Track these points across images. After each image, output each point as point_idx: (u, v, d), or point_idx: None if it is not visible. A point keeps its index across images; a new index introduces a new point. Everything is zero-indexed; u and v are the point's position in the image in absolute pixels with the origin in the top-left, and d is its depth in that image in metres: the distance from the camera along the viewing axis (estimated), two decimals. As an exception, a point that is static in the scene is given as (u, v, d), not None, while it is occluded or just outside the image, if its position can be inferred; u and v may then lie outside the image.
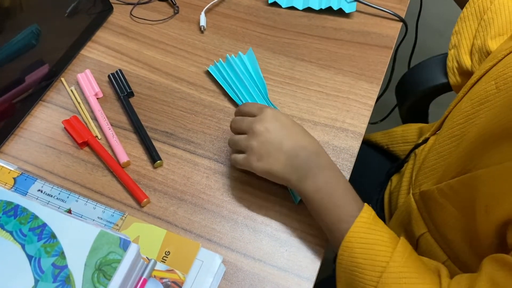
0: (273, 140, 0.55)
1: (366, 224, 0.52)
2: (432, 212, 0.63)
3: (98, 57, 0.78)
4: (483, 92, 0.58)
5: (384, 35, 0.79)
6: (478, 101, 0.58)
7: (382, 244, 0.51)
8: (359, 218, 0.52)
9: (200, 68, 0.76)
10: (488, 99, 0.56)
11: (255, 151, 0.56)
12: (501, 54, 0.59)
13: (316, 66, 0.75)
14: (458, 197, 0.57)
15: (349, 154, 0.66)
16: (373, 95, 0.72)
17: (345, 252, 0.52)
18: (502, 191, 0.49)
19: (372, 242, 0.51)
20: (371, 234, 0.51)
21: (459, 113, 0.62)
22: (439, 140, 0.65)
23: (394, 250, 0.50)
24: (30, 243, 0.50)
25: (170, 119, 0.70)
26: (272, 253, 0.58)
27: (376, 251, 0.50)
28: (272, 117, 0.57)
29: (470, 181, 0.54)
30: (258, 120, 0.57)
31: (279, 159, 0.55)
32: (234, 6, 0.84)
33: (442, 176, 0.61)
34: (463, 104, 0.62)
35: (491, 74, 0.58)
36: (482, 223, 0.52)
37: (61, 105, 0.72)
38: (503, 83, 0.55)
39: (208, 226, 0.60)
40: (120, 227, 0.58)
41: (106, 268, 0.48)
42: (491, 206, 0.50)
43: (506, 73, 0.55)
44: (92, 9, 0.79)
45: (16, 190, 0.61)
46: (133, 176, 0.64)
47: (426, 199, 0.64)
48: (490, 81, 0.57)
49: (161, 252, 0.56)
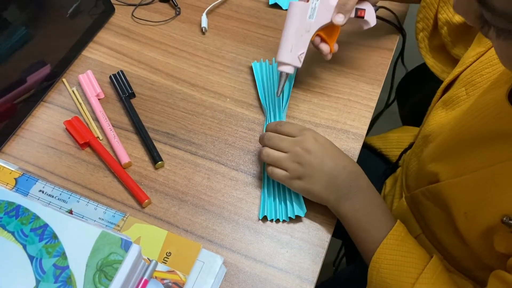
0: (314, 161, 0.57)
1: (396, 242, 0.54)
2: (423, 214, 0.64)
3: (99, 58, 0.78)
4: (455, 98, 0.60)
5: (385, 37, 0.79)
6: (451, 106, 0.60)
7: (408, 265, 0.52)
8: (388, 236, 0.54)
9: (201, 69, 0.76)
10: (459, 104, 0.59)
11: (297, 172, 0.58)
12: (468, 60, 0.60)
13: (317, 67, 0.76)
14: (437, 202, 0.58)
15: (350, 155, 0.66)
16: (374, 96, 0.72)
17: (373, 271, 0.54)
18: (479, 199, 0.50)
19: (399, 261, 0.53)
20: (399, 252, 0.53)
21: (434, 117, 0.64)
22: (417, 144, 0.67)
23: (422, 271, 0.51)
24: (32, 244, 0.50)
25: (172, 120, 0.70)
26: (273, 254, 0.58)
27: (404, 272, 0.52)
28: (312, 138, 0.59)
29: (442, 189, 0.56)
30: (300, 142, 0.59)
31: (320, 180, 0.57)
32: (236, 8, 0.85)
33: (424, 180, 0.62)
34: (438, 108, 0.64)
35: (461, 80, 0.60)
36: (464, 228, 0.53)
37: (63, 105, 0.72)
38: (472, 89, 0.57)
39: (209, 227, 0.60)
40: (121, 227, 0.58)
41: (108, 269, 0.48)
42: (470, 213, 0.51)
43: (474, 79, 0.57)
44: (93, 10, 0.79)
45: (18, 190, 0.61)
46: (134, 177, 0.64)
47: (416, 202, 0.65)
48: (460, 87, 0.59)
49: (162, 253, 0.56)
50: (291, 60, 0.64)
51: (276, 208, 0.61)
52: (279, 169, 0.60)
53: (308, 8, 0.62)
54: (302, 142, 0.59)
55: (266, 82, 0.73)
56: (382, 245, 0.54)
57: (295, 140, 0.59)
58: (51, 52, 0.73)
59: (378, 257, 0.54)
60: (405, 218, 0.68)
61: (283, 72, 0.65)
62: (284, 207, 0.61)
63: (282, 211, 0.61)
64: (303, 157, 0.58)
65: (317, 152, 0.58)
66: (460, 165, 0.53)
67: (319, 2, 0.62)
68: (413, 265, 0.52)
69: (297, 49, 0.63)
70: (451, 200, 0.54)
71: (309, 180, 0.58)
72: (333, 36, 0.66)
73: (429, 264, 0.52)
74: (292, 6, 0.63)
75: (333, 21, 0.63)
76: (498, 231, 0.48)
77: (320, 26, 0.64)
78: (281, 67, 0.65)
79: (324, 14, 0.63)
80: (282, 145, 0.60)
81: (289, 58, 0.64)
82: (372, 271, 0.54)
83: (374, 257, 0.54)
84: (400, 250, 0.54)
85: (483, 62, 0.57)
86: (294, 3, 0.63)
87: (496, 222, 0.47)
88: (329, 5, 0.63)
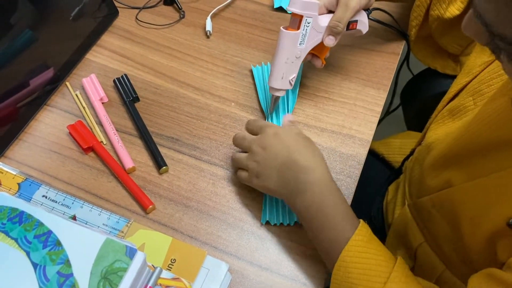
0: (268, 158, 0.57)
1: (362, 243, 0.51)
2: (426, 223, 0.63)
3: (103, 61, 0.77)
4: (462, 107, 0.59)
5: (391, 41, 0.79)
6: (458, 116, 0.60)
7: (378, 264, 0.50)
8: (354, 236, 0.51)
9: (206, 73, 0.75)
10: (467, 114, 0.58)
11: (254, 170, 0.58)
12: (475, 70, 0.60)
13: (322, 72, 0.75)
14: (444, 209, 0.57)
15: (356, 161, 0.66)
16: (380, 101, 0.72)
17: (340, 271, 0.51)
18: (486, 204, 0.49)
19: (368, 262, 0.50)
20: (367, 253, 0.51)
21: (439, 124, 0.63)
22: (421, 152, 0.66)
23: (392, 270, 0.49)
24: (35, 251, 0.49)
25: (176, 124, 0.69)
26: (279, 261, 0.58)
27: (373, 271, 0.49)
28: (271, 135, 0.58)
29: (452, 195, 0.55)
30: (258, 139, 0.59)
31: (272, 176, 0.56)
32: (240, 11, 0.84)
33: (428, 188, 0.61)
34: (444, 116, 0.63)
35: (468, 90, 0.60)
36: (469, 236, 0.52)
37: (66, 109, 0.71)
38: (480, 99, 0.57)
39: (214, 233, 0.60)
40: (125, 234, 0.57)
41: (112, 277, 0.48)
42: (476, 218, 0.51)
43: (482, 89, 0.57)
44: (97, 13, 0.79)
45: (21, 195, 0.60)
46: (138, 182, 0.63)
47: (419, 209, 0.64)
48: (468, 97, 0.59)
49: (167, 259, 0.55)
50: (283, 85, 0.64)
51: (279, 212, 0.60)
52: (242, 170, 0.60)
53: (298, 36, 0.61)
54: (260, 139, 0.59)
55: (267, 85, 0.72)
56: (351, 242, 0.51)
57: (254, 138, 0.60)
58: (54, 55, 0.73)
59: (347, 255, 0.51)
60: (408, 226, 0.68)
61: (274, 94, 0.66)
62: (288, 211, 0.60)
63: (286, 215, 0.60)
64: (259, 155, 0.57)
65: (271, 148, 0.57)
66: (472, 170, 0.52)
67: (310, 27, 0.61)
68: (382, 264, 0.50)
69: (288, 75, 0.64)
70: (460, 206, 0.53)
71: (263, 177, 0.57)
72: (323, 52, 0.66)
73: (397, 263, 0.50)
74: (282, 36, 0.62)
75: (324, 43, 0.63)
76: (503, 236, 0.47)
77: (310, 49, 0.64)
78: (273, 91, 0.66)
79: (314, 36, 0.62)
80: (244, 144, 0.60)
81: (280, 84, 0.64)
82: (337, 271, 0.51)
83: (341, 257, 0.50)
84: (369, 247, 0.51)
85: (491, 72, 0.56)
86: (284, 33, 0.61)
87: (501, 226, 0.46)
88: (320, 27, 0.62)
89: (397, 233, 0.72)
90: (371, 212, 0.82)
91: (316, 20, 0.61)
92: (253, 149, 0.58)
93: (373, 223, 0.81)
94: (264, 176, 0.57)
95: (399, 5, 0.82)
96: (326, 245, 0.53)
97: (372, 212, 0.82)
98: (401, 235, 0.71)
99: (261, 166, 0.57)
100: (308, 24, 0.61)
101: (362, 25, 0.65)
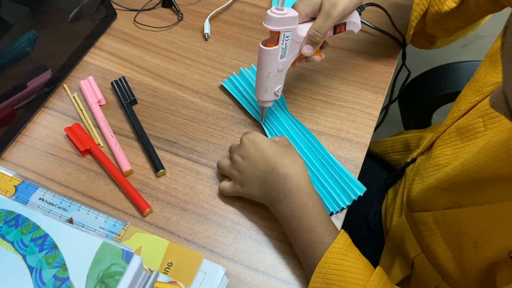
0: (249, 167, 0.58)
1: (341, 251, 0.52)
2: (423, 236, 0.63)
3: (101, 63, 0.77)
4: (471, 128, 0.59)
5: (389, 44, 0.79)
6: (467, 136, 0.59)
7: (357, 272, 0.51)
8: (333, 244, 0.52)
9: (204, 76, 0.75)
10: (476, 136, 0.58)
11: (238, 179, 0.60)
12: (486, 89, 0.59)
13: (320, 75, 0.75)
14: (448, 227, 0.57)
15: (354, 165, 0.66)
16: (377, 105, 0.72)
17: (318, 278, 0.51)
18: (491, 231, 0.49)
19: (346, 269, 0.51)
20: (346, 261, 0.51)
21: (446, 142, 0.63)
22: (425, 165, 0.66)
23: (369, 279, 0.50)
24: (32, 254, 0.49)
25: (173, 127, 0.69)
26: (276, 265, 0.58)
27: (351, 279, 0.50)
28: (248, 144, 0.59)
29: (461, 215, 0.54)
30: (238, 148, 0.60)
31: (254, 184, 0.58)
32: (239, 14, 0.84)
33: (431, 204, 0.61)
34: (452, 134, 0.63)
35: (478, 109, 0.59)
36: (469, 259, 0.52)
37: (64, 112, 0.71)
38: (490, 122, 0.56)
39: (211, 236, 0.60)
40: (122, 237, 0.57)
41: (109, 281, 0.47)
42: (480, 244, 0.51)
43: (492, 111, 0.56)
44: (95, 15, 0.79)
45: (17, 198, 0.60)
46: (135, 185, 0.63)
47: (417, 222, 0.64)
48: (477, 118, 0.58)
49: (164, 263, 0.55)
50: (269, 97, 0.64)
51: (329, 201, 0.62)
52: (226, 180, 0.62)
53: (278, 51, 0.59)
54: (239, 148, 0.60)
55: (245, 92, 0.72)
56: (331, 249, 0.51)
57: (236, 147, 0.61)
58: (52, 57, 0.73)
59: (326, 262, 0.51)
60: (405, 236, 0.68)
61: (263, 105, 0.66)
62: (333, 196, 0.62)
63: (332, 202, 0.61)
64: (240, 164, 0.59)
65: (250, 156, 0.58)
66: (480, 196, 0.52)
67: (289, 40, 0.58)
68: (360, 272, 0.50)
69: (273, 87, 0.63)
70: (466, 228, 0.53)
71: (247, 185, 0.59)
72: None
73: (375, 272, 0.51)
74: (261, 53, 0.59)
75: (302, 52, 0.60)
76: (504, 266, 0.47)
77: (293, 61, 0.61)
78: (261, 103, 0.66)
79: (296, 48, 0.60)
80: (229, 153, 0.62)
81: (266, 97, 0.64)
82: (316, 278, 0.52)
83: (320, 263, 0.51)
84: (348, 255, 0.52)
85: None
86: (263, 49, 0.59)
87: (503, 256, 0.47)
88: (300, 37, 0.59)
89: (395, 241, 0.72)
90: (369, 216, 0.82)
91: (296, 32, 0.58)
92: (234, 158, 0.60)
93: (372, 228, 0.81)
94: (249, 184, 0.58)
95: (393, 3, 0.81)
96: (304, 249, 0.55)
97: (370, 216, 0.82)
98: (398, 243, 0.71)
99: (243, 175, 0.59)
100: (287, 38, 0.58)
101: (353, 26, 0.62)
